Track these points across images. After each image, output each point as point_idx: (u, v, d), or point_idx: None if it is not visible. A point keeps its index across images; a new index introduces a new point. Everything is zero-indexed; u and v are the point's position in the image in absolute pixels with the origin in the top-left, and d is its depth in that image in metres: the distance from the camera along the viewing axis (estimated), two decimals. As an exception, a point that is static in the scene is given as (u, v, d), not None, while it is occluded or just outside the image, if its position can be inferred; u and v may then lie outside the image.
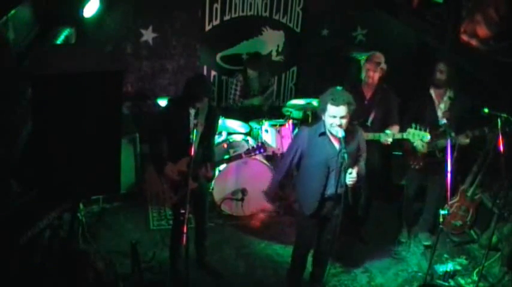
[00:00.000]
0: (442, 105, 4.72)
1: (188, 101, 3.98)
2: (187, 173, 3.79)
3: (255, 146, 4.33)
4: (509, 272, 4.68)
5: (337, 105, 3.63)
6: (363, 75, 4.72)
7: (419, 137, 4.44)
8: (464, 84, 4.75)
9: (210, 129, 4.14)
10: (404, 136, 4.50)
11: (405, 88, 5.20)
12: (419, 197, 5.23)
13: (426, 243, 5.15)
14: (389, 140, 4.57)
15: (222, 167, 5.20)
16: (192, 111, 4.00)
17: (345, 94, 3.73)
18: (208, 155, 4.21)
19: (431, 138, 4.47)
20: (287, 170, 4.09)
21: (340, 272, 4.78)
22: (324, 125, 3.80)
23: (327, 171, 3.84)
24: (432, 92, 4.73)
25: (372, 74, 4.65)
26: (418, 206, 5.34)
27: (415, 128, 4.42)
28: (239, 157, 4.40)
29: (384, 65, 4.69)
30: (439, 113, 4.70)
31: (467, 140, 4.58)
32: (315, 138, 3.85)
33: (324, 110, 3.72)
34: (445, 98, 4.70)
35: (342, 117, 3.66)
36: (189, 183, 3.71)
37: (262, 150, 4.31)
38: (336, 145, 3.80)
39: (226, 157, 4.68)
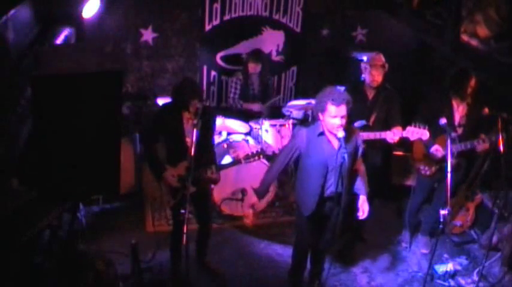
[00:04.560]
0: (460, 109, 4.64)
1: (180, 106, 3.98)
2: (187, 177, 3.76)
3: (254, 152, 4.32)
4: (509, 272, 4.69)
5: (338, 104, 3.60)
6: (368, 78, 4.68)
7: (418, 136, 4.43)
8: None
9: (207, 130, 4.12)
10: (404, 135, 4.48)
11: (405, 88, 5.19)
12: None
13: (424, 251, 5.11)
14: (396, 138, 4.55)
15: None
16: (186, 114, 3.99)
17: (343, 93, 3.73)
18: (210, 157, 4.18)
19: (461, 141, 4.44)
20: (281, 170, 4.09)
21: (340, 272, 4.78)
22: (321, 125, 3.79)
23: (325, 171, 3.83)
24: (453, 98, 4.64)
25: (377, 76, 4.64)
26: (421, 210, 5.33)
27: (415, 126, 4.41)
28: (238, 162, 4.39)
29: (386, 64, 4.69)
30: (457, 118, 4.64)
31: (487, 145, 4.51)
32: (314, 138, 3.83)
33: (323, 110, 3.69)
34: (464, 104, 4.63)
35: (343, 117, 3.64)
36: (188, 187, 3.67)
37: (261, 157, 4.29)
38: (335, 144, 3.79)
39: (225, 162, 4.67)
